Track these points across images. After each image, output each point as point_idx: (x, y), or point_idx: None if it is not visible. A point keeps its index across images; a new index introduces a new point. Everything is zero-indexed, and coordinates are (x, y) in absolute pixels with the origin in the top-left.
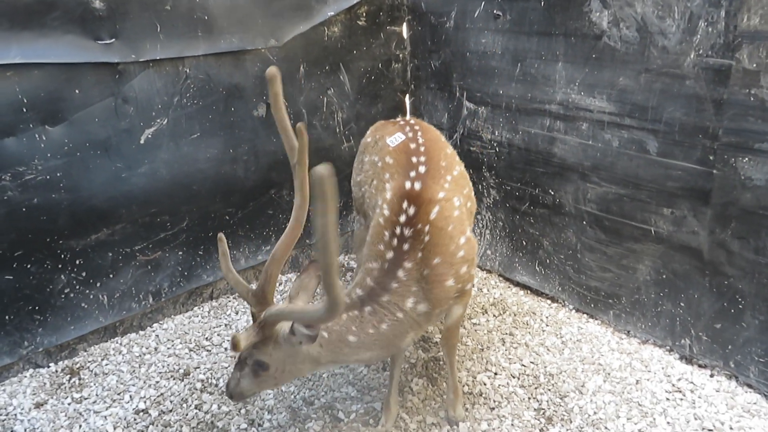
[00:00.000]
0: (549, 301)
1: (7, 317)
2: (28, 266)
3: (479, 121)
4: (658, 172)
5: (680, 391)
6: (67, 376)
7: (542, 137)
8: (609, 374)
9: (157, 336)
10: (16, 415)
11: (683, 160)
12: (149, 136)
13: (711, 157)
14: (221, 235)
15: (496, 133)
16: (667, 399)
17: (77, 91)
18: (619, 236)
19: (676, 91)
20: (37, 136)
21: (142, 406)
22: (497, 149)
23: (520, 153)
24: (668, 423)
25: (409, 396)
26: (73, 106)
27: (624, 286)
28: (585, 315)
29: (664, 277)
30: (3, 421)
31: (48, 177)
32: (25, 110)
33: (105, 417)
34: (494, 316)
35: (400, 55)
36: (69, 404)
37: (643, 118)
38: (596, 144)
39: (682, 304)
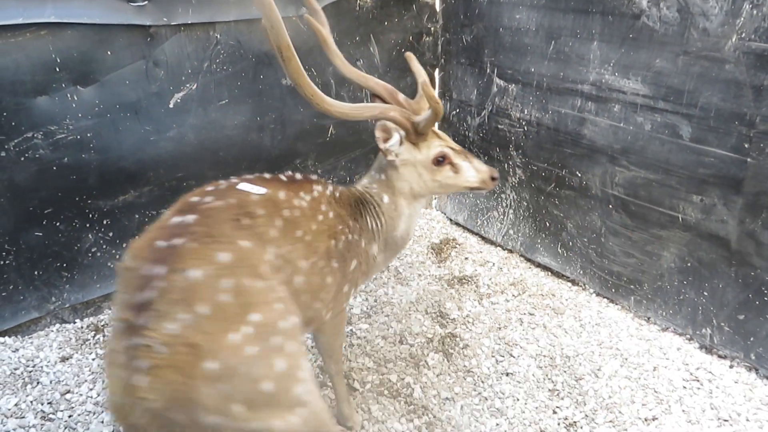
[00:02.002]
0: (569, 284)
1: (36, 273)
2: (57, 224)
3: (509, 99)
4: (689, 158)
5: (698, 380)
6: (92, 333)
7: (572, 117)
8: (626, 359)
9: None
10: (42, 367)
11: (717, 146)
12: (178, 100)
13: (746, 145)
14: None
15: (526, 112)
16: (684, 387)
17: (109, 53)
18: (645, 222)
19: (714, 75)
20: (68, 96)
21: None
22: (525, 128)
23: (548, 133)
24: (683, 411)
25: (425, 370)
26: (105, 68)
27: (647, 272)
28: (605, 299)
29: (689, 265)
30: (30, 372)
31: (78, 137)
32: (57, 70)
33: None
34: (513, 296)
35: (432, 29)
36: (93, 360)
37: (678, 102)
38: (627, 127)
39: (705, 294)
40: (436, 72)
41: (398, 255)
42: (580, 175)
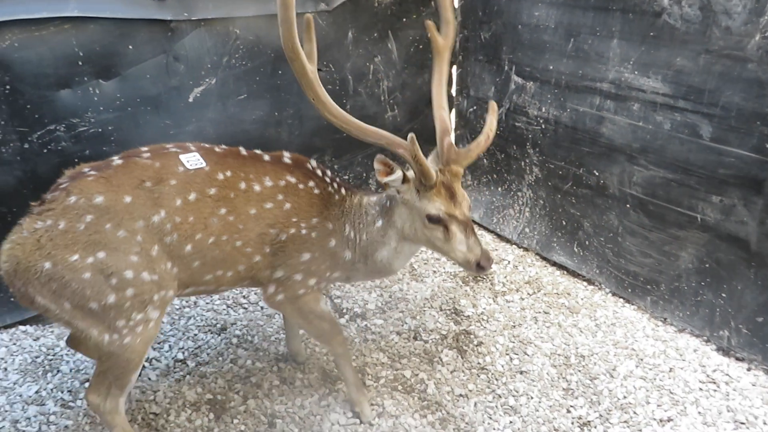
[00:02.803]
0: (585, 283)
1: None
2: None
3: (526, 97)
4: (709, 158)
5: (714, 383)
6: None
7: (590, 116)
8: (642, 360)
9: None
10: (62, 356)
11: (738, 147)
12: (197, 94)
13: None
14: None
15: (543, 110)
16: (700, 389)
17: (131, 47)
18: (663, 221)
19: (736, 74)
20: (91, 89)
21: (180, 356)
22: (543, 126)
23: (566, 131)
24: (699, 413)
25: (439, 367)
26: (126, 62)
27: (664, 272)
28: (621, 299)
29: (707, 266)
30: (50, 360)
31: (100, 130)
32: (80, 63)
33: (146, 364)
34: (528, 294)
35: None
36: None
37: (699, 101)
38: (647, 126)
39: (723, 295)
40: (454, 69)
41: (384, 277)
42: (597, 173)
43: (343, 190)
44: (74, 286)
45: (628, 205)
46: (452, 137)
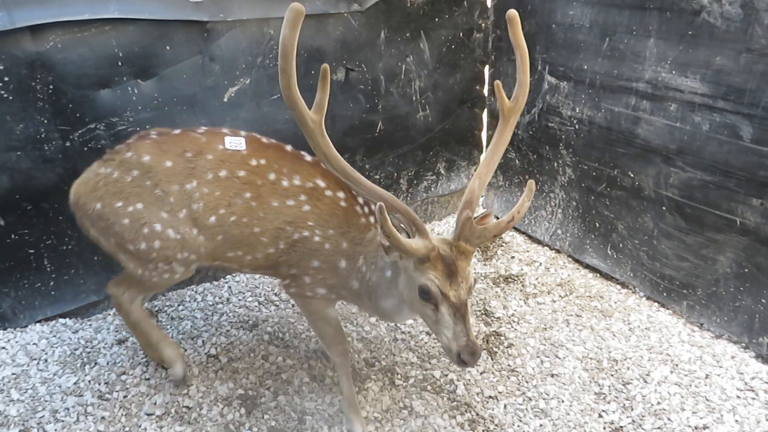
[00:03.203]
0: (619, 287)
1: (95, 258)
2: None
3: (560, 97)
4: (749, 160)
5: (753, 390)
6: None
7: (626, 116)
8: (677, 365)
9: (229, 287)
10: (100, 348)
11: None
12: (232, 94)
13: None
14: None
15: (577, 110)
16: (738, 397)
17: (168, 48)
18: (700, 225)
19: None
20: (129, 89)
21: (213, 351)
22: (576, 126)
23: (600, 131)
24: (737, 421)
25: (468, 368)
26: (164, 62)
27: (701, 276)
28: (656, 303)
29: (746, 270)
30: (89, 353)
31: (138, 128)
32: (120, 64)
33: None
34: (560, 296)
35: (483, 25)
36: None
37: (739, 101)
38: (684, 126)
39: (763, 301)
40: (486, 68)
41: (389, 322)
42: (632, 175)
43: (371, 220)
44: (116, 229)
45: (664, 208)
46: (473, 212)
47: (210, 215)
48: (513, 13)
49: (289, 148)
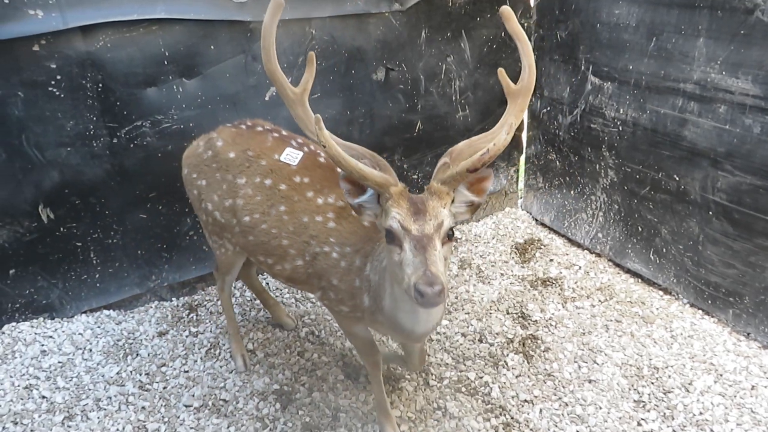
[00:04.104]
0: (661, 293)
1: (139, 252)
2: (160, 207)
3: (603, 98)
4: None
5: None
6: (186, 311)
7: (672, 118)
8: (721, 375)
9: (267, 284)
10: (141, 340)
11: None
12: (273, 93)
13: None
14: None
15: (621, 111)
16: None
17: (212, 47)
18: (749, 230)
19: None
20: (174, 87)
21: (250, 346)
22: (620, 128)
23: (645, 133)
24: None
25: (504, 371)
26: (208, 61)
27: (749, 284)
28: (700, 311)
29: None
30: (131, 344)
31: (182, 126)
32: (166, 63)
33: (217, 353)
34: (600, 301)
35: (525, 24)
36: (186, 336)
37: None
38: (734, 129)
39: None
40: None
41: (407, 340)
42: (678, 178)
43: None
44: (190, 196)
45: (710, 213)
46: (452, 161)
47: (246, 215)
48: (507, 9)
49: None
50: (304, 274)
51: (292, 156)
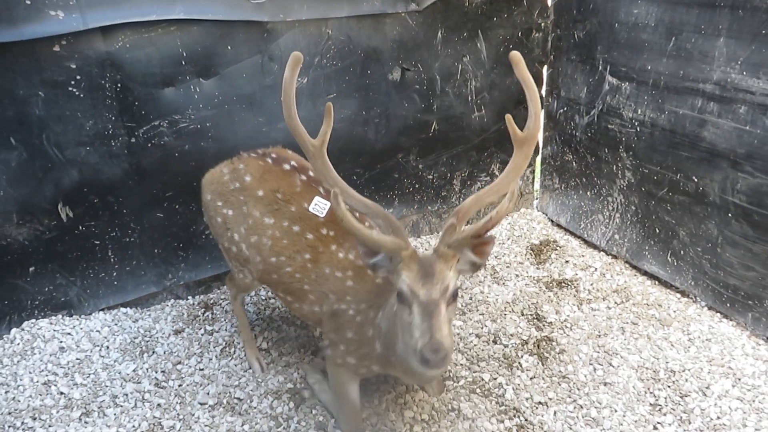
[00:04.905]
0: (678, 295)
1: (156, 251)
2: (176, 206)
3: (621, 98)
4: None
5: None
6: (202, 310)
7: (691, 119)
8: (739, 379)
9: None
10: (158, 338)
11: None
12: None
13: None
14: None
15: (639, 112)
16: None
17: (229, 48)
18: None
19: None
20: (192, 87)
21: (264, 345)
22: (638, 129)
23: (663, 134)
24: None
25: (518, 372)
26: (225, 62)
27: None
28: (718, 314)
29: None
30: (147, 341)
31: (199, 126)
32: (183, 63)
33: (232, 351)
34: (616, 303)
35: (542, 24)
36: (202, 335)
37: None
38: (754, 130)
39: None
40: (545, 69)
41: (420, 383)
42: (696, 180)
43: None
44: (213, 222)
45: (729, 214)
46: (459, 223)
47: (272, 256)
48: (516, 54)
49: (367, 224)
50: (320, 318)
51: (320, 207)
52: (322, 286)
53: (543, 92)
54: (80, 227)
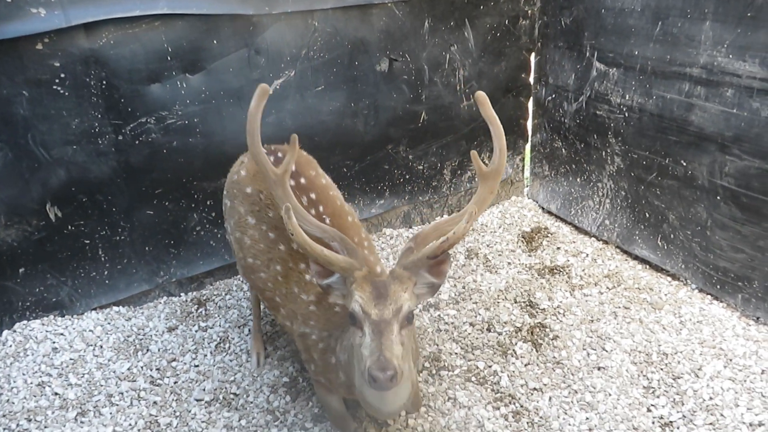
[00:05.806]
0: (669, 278)
1: (147, 248)
2: (166, 203)
3: (609, 84)
4: None
5: None
6: (195, 306)
7: (678, 103)
8: (731, 360)
9: None
10: (151, 336)
11: None
12: (277, 87)
13: None
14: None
15: (627, 97)
16: None
17: (215, 42)
18: (757, 215)
19: None
20: (178, 83)
21: None
22: (626, 114)
23: (651, 119)
24: None
25: (513, 359)
26: (211, 56)
27: (758, 269)
28: (709, 296)
29: None
30: (141, 339)
31: (186, 122)
32: (169, 59)
33: (226, 347)
34: (607, 288)
35: (529, 12)
36: (196, 331)
37: None
38: (741, 113)
39: None
40: (532, 56)
41: (383, 418)
42: (685, 164)
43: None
44: (225, 215)
45: (718, 197)
46: (417, 247)
47: (250, 257)
48: (481, 95)
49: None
50: (293, 333)
51: None
52: (290, 305)
53: (531, 80)
54: (69, 227)
